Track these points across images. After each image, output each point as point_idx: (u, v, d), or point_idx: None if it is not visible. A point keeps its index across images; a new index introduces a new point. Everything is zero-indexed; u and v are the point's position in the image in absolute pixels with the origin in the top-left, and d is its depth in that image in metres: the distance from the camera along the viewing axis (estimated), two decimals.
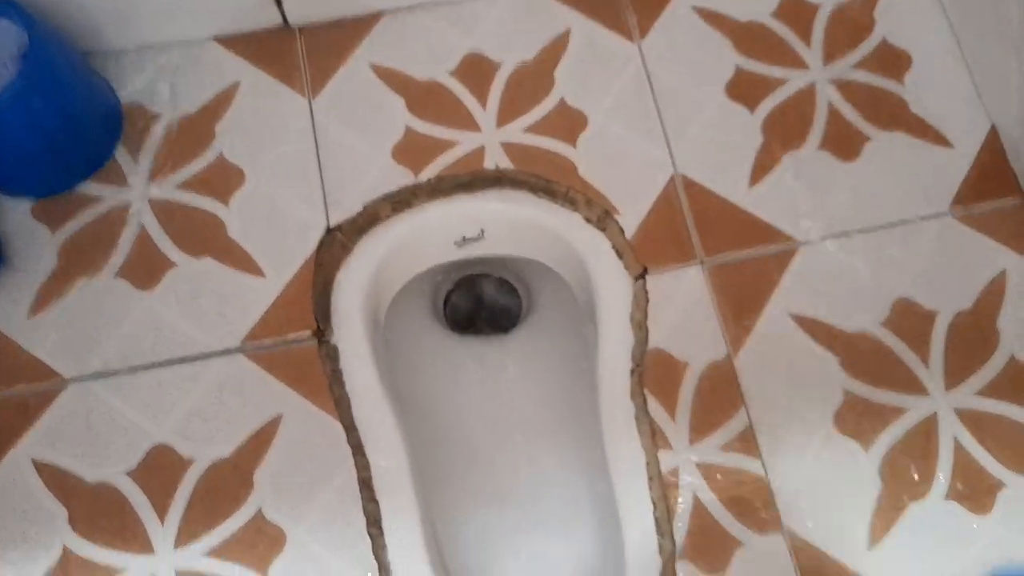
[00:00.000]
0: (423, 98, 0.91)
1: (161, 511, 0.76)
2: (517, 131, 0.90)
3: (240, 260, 0.84)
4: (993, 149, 0.89)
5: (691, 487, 0.77)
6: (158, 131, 0.89)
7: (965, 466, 0.78)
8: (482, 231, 0.94)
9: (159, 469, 0.77)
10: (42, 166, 0.84)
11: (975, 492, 0.77)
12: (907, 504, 0.77)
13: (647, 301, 0.84)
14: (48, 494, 0.76)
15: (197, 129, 0.89)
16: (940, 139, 0.89)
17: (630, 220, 0.86)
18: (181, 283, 0.83)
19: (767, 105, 0.90)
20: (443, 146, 0.89)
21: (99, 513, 0.76)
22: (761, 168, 0.88)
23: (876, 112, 0.90)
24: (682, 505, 0.77)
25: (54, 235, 0.85)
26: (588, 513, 0.88)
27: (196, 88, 0.90)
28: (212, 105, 0.90)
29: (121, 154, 0.88)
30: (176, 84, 0.91)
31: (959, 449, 0.78)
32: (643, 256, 0.85)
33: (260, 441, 0.78)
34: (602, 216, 0.88)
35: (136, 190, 0.87)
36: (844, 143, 0.89)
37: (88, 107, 0.86)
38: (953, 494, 0.77)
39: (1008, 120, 0.88)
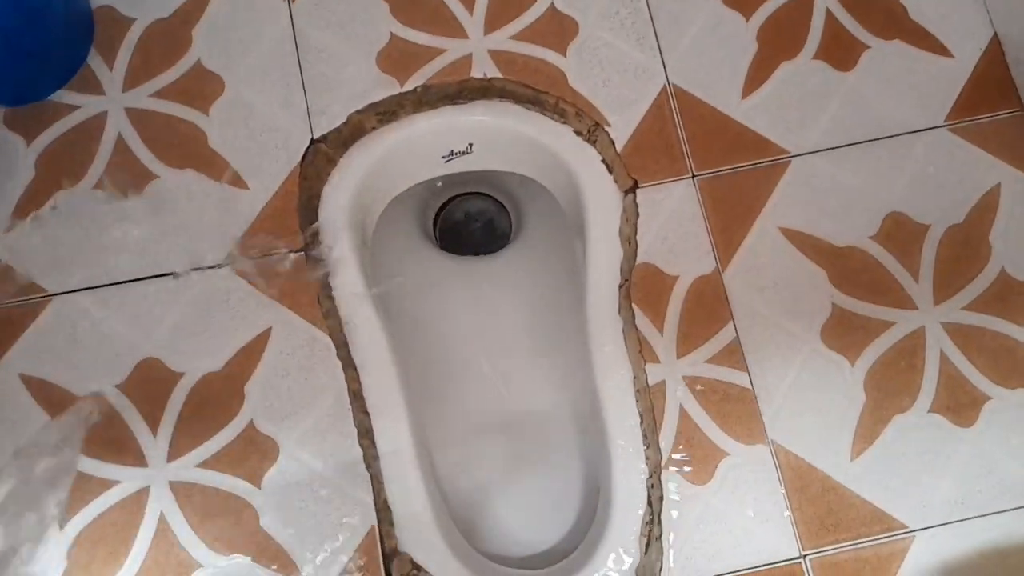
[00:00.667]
0: (409, 3, 0.88)
1: (153, 423, 0.76)
2: (505, 38, 0.87)
3: (222, 171, 0.82)
4: (994, 59, 0.87)
5: (678, 399, 0.78)
6: (132, 37, 0.85)
7: (950, 379, 0.79)
8: (470, 145, 0.92)
9: (149, 382, 0.77)
10: (11, 71, 0.81)
11: (959, 405, 0.78)
12: (891, 416, 0.78)
13: (637, 215, 0.83)
14: (37, 408, 0.76)
15: (173, 34, 0.85)
16: (939, 48, 0.87)
17: (620, 132, 0.85)
18: (163, 195, 0.82)
19: (763, 13, 0.87)
20: (429, 54, 0.86)
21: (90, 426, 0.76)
22: (755, 79, 0.86)
23: (874, 20, 0.87)
24: (668, 417, 0.78)
25: (30, 145, 0.83)
26: (576, 426, 0.90)
27: None
28: (187, 8, 0.86)
29: (95, 61, 0.85)
30: None
31: (945, 362, 0.79)
32: (633, 169, 0.84)
33: (250, 353, 0.78)
34: (592, 128, 0.86)
35: (112, 98, 0.84)
36: (841, 52, 0.86)
37: (57, 9, 0.82)
38: (937, 407, 0.78)
39: (1013, 29, 0.86)
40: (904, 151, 0.84)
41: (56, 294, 0.79)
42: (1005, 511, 0.75)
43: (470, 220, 1.13)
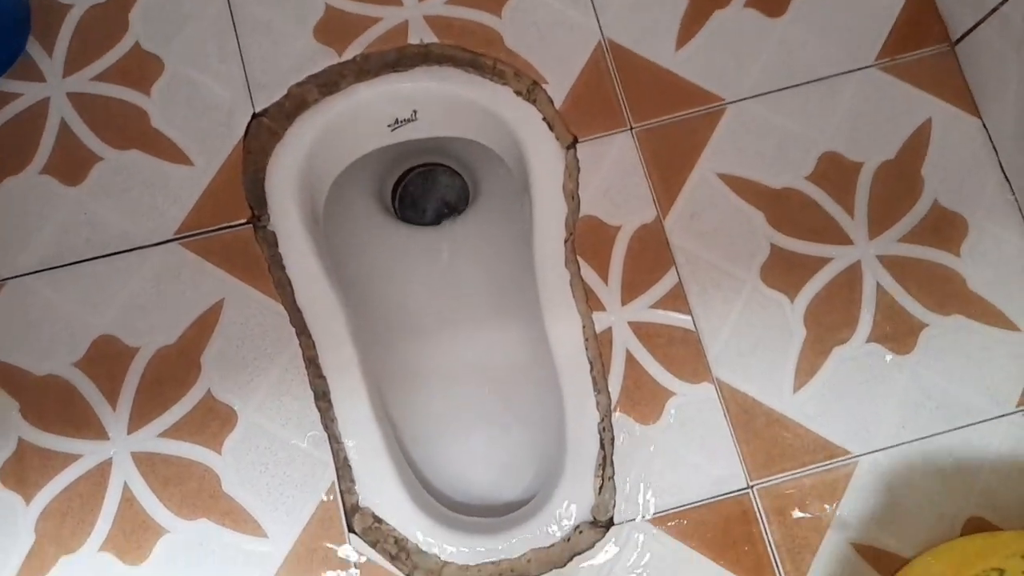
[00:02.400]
0: None
1: (111, 398, 0.78)
2: (440, 3, 0.88)
3: (167, 150, 0.84)
4: None
5: (624, 344, 0.80)
6: (70, 22, 0.86)
7: (888, 309, 0.81)
8: (414, 112, 0.93)
9: (105, 359, 0.79)
10: None
11: (897, 333, 0.80)
12: (831, 349, 0.80)
13: (578, 170, 0.85)
14: None
15: (110, 18, 0.86)
16: None
17: (558, 90, 0.86)
18: (109, 176, 0.83)
19: None
20: (365, 23, 0.87)
21: (50, 403, 0.78)
22: (688, 30, 0.87)
23: None
24: (616, 362, 0.80)
25: None
26: (531, 375, 0.92)
27: None
28: None
29: (34, 48, 0.86)
30: None
31: (882, 294, 0.81)
32: (573, 125, 0.85)
33: (203, 326, 0.80)
34: (531, 88, 0.87)
35: (53, 84, 0.85)
36: None
37: None
38: (875, 336, 0.80)
39: None
40: (836, 92, 0.86)
41: (9, 278, 0.80)
42: (944, 432, 0.78)
43: (427, 189, 1.14)
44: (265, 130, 0.85)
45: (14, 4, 0.85)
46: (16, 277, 0.80)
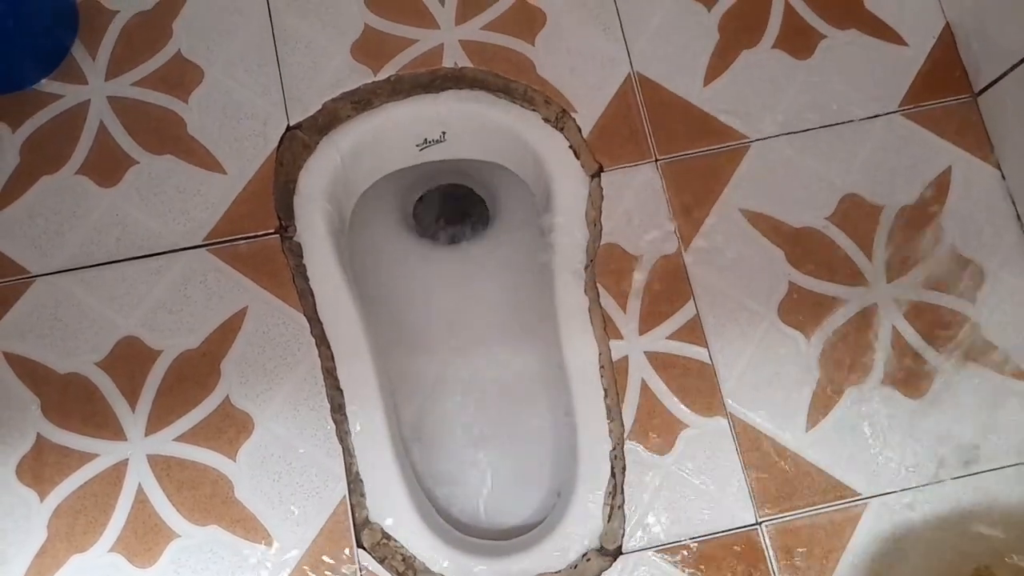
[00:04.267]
0: None
1: (132, 399, 0.79)
2: (476, 28, 0.90)
3: (201, 157, 0.85)
4: (946, 47, 0.90)
5: (640, 374, 0.81)
6: (115, 28, 0.88)
7: (902, 353, 0.81)
8: (443, 133, 0.95)
9: (128, 359, 0.80)
10: None
11: (910, 377, 0.81)
12: (844, 389, 0.81)
13: (602, 198, 0.86)
14: (20, 384, 0.79)
15: (154, 25, 0.88)
16: (894, 36, 0.90)
17: (587, 118, 0.88)
18: (143, 180, 0.84)
19: (724, 3, 0.91)
20: (402, 44, 0.89)
21: (71, 402, 0.79)
22: (716, 67, 0.89)
23: (831, 10, 0.90)
24: (631, 391, 0.80)
25: (15, 133, 0.85)
26: (546, 401, 0.92)
27: None
28: (168, 0, 0.89)
29: (79, 51, 0.88)
30: None
31: (897, 337, 0.82)
32: (599, 154, 0.87)
33: (226, 332, 0.81)
34: (560, 115, 0.89)
35: (95, 87, 0.87)
36: (799, 41, 0.89)
37: (44, 2, 0.85)
38: (889, 379, 0.81)
39: (962, 16, 0.89)
40: (859, 136, 0.87)
41: (39, 275, 0.82)
42: (955, 479, 0.78)
43: (449, 209, 1.15)
44: (298, 143, 0.87)
45: (63, 8, 0.87)
46: (47, 275, 0.82)
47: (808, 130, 0.87)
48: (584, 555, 0.77)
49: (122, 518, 0.76)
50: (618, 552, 0.76)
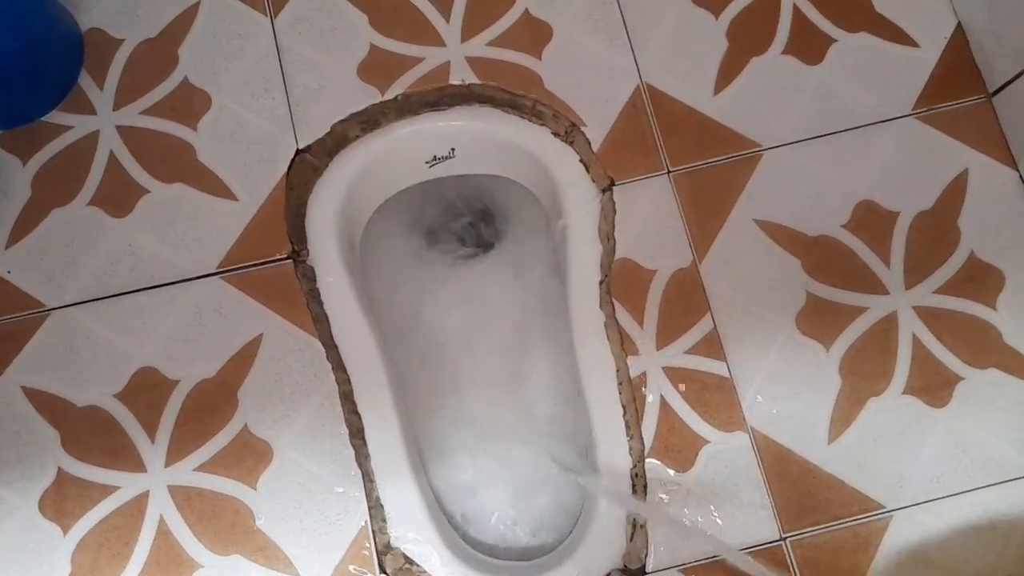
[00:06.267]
0: (387, 14, 0.90)
1: (150, 430, 0.79)
2: (482, 44, 0.89)
3: (212, 184, 0.85)
4: (958, 47, 0.89)
5: (658, 390, 0.80)
6: (121, 57, 0.88)
7: (923, 361, 0.81)
8: (452, 149, 0.94)
9: (145, 390, 0.80)
10: (9, 94, 0.84)
11: (932, 386, 0.80)
12: (866, 400, 0.80)
13: (615, 212, 0.85)
14: (40, 418, 0.79)
15: (160, 53, 0.88)
16: (905, 39, 0.89)
17: (596, 132, 0.87)
18: (155, 209, 0.84)
19: (732, 10, 0.90)
20: (408, 63, 0.89)
21: (90, 434, 0.79)
22: (726, 75, 0.88)
23: (840, 13, 0.89)
24: (650, 407, 0.80)
25: (26, 165, 0.85)
26: (563, 419, 0.92)
27: (157, 11, 0.89)
28: (173, 28, 0.89)
29: (86, 82, 0.88)
30: (136, 7, 0.89)
31: (917, 345, 0.81)
32: (610, 167, 0.86)
33: (242, 360, 0.81)
34: (569, 129, 0.88)
35: (103, 117, 0.87)
36: (808, 47, 0.88)
37: (51, 33, 0.85)
38: (910, 389, 0.80)
39: (974, 16, 0.88)
40: (873, 141, 0.86)
41: (54, 308, 0.82)
42: (980, 488, 0.77)
43: (461, 225, 1.15)
44: (308, 166, 0.86)
45: (69, 39, 0.87)
46: (61, 308, 0.82)
47: (821, 136, 0.86)
48: (607, 575, 0.77)
49: (145, 550, 0.76)
50: (642, 572, 0.76)
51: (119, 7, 0.90)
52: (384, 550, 0.77)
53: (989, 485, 0.77)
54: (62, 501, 0.77)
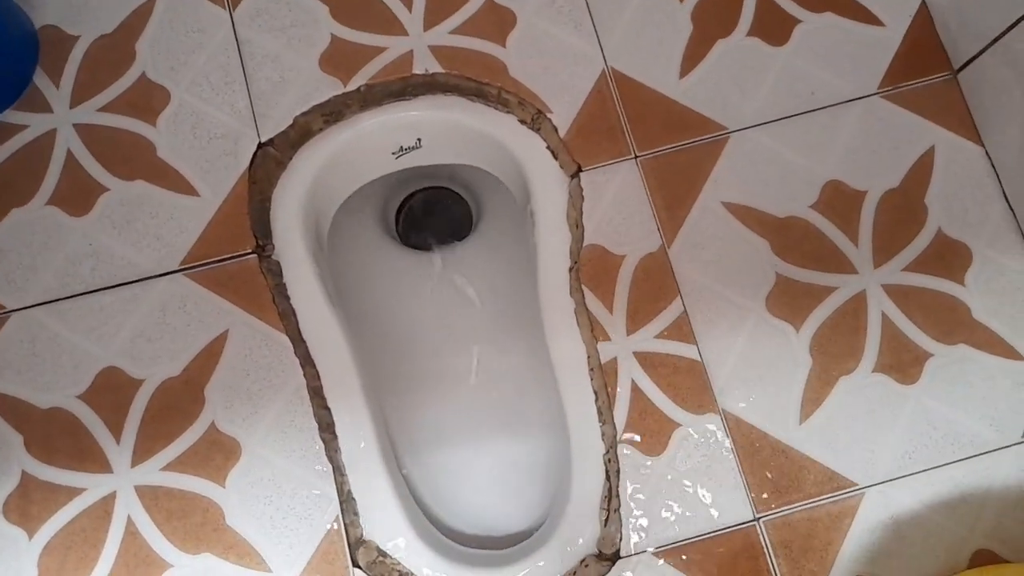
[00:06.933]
0: (348, 4, 0.89)
1: (116, 430, 0.78)
2: (445, 33, 0.88)
3: (173, 180, 0.84)
4: (922, 26, 0.89)
5: (629, 375, 0.80)
6: (77, 53, 0.87)
7: (892, 339, 0.81)
8: (419, 140, 0.93)
9: (110, 390, 0.79)
10: None
11: (902, 363, 0.80)
12: (836, 379, 0.80)
13: (582, 198, 0.85)
14: (2, 421, 0.78)
15: (117, 48, 0.87)
16: (870, 18, 0.89)
17: (563, 118, 0.86)
18: (115, 207, 0.83)
19: None
20: (371, 53, 0.88)
21: (54, 437, 0.78)
22: (691, 58, 0.88)
23: None
24: (621, 393, 0.79)
25: None
26: (535, 407, 0.91)
27: (112, 5, 0.88)
28: (130, 22, 0.87)
29: (41, 79, 0.86)
30: (91, 2, 0.88)
31: (887, 323, 0.81)
32: (577, 154, 0.85)
33: (208, 357, 0.80)
34: (535, 116, 0.87)
35: (60, 115, 0.85)
36: (773, 28, 0.88)
37: (3, 30, 0.84)
38: (881, 367, 0.80)
39: None
40: (839, 120, 0.86)
41: (15, 310, 0.80)
42: (951, 463, 0.78)
43: (430, 214, 1.14)
44: (271, 160, 0.85)
45: (22, 36, 0.85)
46: (22, 309, 0.80)
47: (787, 117, 0.86)
48: (582, 561, 0.76)
49: (113, 551, 0.75)
50: (616, 556, 0.76)
51: (73, 2, 0.88)
52: (357, 544, 0.76)
53: (959, 460, 0.78)
54: (27, 505, 0.76)
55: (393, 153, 0.94)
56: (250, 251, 0.82)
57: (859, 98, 0.87)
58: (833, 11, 0.89)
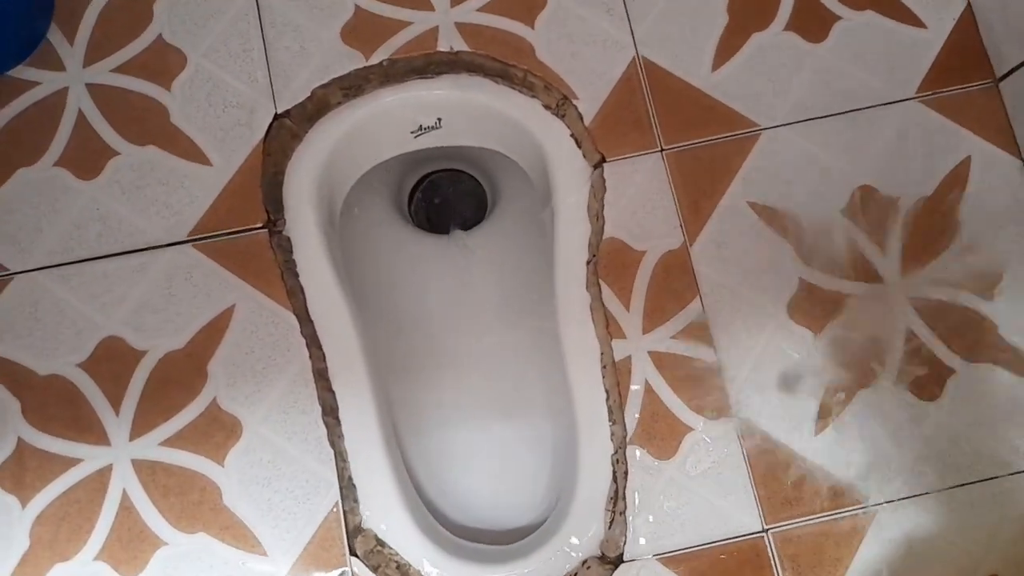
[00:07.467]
0: None
1: (115, 402, 0.76)
2: (472, 10, 0.85)
3: (185, 148, 0.81)
4: (966, 30, 0.86)
5: (643, 375, 0.78)
6: (93, 10, 0.84)
7: (915, 352, 0.78)
8: (439, 120, 0.91)
9: (111, 360, 0.77)
10: None
11: (924, 378, 0.78)
12: (855, 391, 0.77)
13: (604, 190, 0.82)
14: (0, 386, 0.76)
15: (134, 8, 0.84)
16: (912, 19, 0.86)
17: (589, 105, 0.84)
18: (125, 172, 0.81)
19: None
20: (395, 27, 0.85)
21: (52, 404, 0.76)
22: (725, 50, 0.85)
23: None
24: (634, 393, 0.77)
25: None
26: (544, 401, 0.89)
27: None
28: None
29: (55, 36, 0.84)
30: None
31: (910, 336, 0.79)
32: (602, 143, 0.83)
33: (213, 332, 0.78)
34: (561, 102, 0.85)
35: (73, 74, 0.83)
36: (812, 23, 0.85)
37: None
38: (902, 379, 0.78)
39: None
40: (874, 124, 0.83)
41: (18, 272, 0.79)
42: (967, 484, 0.76)
43: (446, 197, 1.12)
44: (286, 132, 0.83)
45: None
46: (25, 272, 0.78)
47: (821, 117, 0.83)
48: (584, 563, 0.75)
49: (107, 525, 0.74)
50: (619, 560, 0.74)
51: None
52: (355, 532, 0.75)
53: (977, 481, 0.76)
54: (21, 472, 0.74)
55: (412, 132, 0.91)
56: (260, 225, 0.80)
57: (896, 101, 0.84)
58: (874, 9, 0.86)
